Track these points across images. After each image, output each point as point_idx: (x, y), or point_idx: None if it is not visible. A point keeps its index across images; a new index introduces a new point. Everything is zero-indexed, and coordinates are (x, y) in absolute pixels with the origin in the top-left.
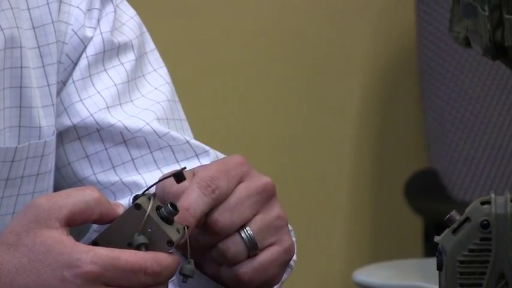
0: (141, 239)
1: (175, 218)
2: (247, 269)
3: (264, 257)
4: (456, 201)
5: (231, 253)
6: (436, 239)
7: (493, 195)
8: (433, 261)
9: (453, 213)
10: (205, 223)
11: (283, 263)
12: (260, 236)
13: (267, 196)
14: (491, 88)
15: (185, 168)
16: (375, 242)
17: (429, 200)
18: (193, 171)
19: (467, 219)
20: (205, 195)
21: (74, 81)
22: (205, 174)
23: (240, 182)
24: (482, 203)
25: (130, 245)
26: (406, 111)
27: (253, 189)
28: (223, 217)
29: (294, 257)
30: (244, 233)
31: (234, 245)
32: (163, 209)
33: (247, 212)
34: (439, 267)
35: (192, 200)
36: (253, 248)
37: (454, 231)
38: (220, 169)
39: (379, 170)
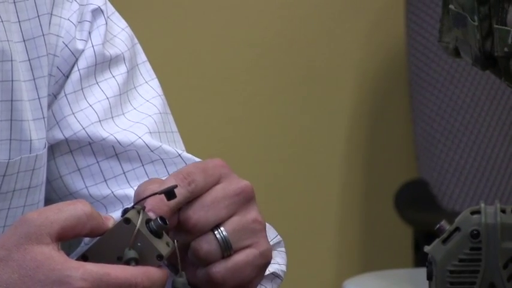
0: (131, 253)
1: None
2: (220, 268)
3: (238, 258)
4: (446, 211)
5: (204, 252)
6: (426, 249)
7: (482, 205)
8: (423, 271)
9: (443, 223)
10: (179, 221)
11: (259, 267)
12: (235, 237)
13: (244, 199)
14: (481, 98)
15: (176, 186)
16: (365, 251)
17: (419, 210)
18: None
19: (457, 229)
20: (181, 187)
21: (66, 95)
22: (182, 169)
23: (217, 182)
24: (472, 213)
25: (120, 259)
26: (395, 122)
27: (231, 190)
28: (197, 214)
29: (284, 268)
30: (219, 232)
31: (207, 244)
32: (152, 223)
33: (222, 212)
34: (429, 277)
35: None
36: (227, 248)
37: (444, 241)
38: (198, 166)
39: (369, 180)
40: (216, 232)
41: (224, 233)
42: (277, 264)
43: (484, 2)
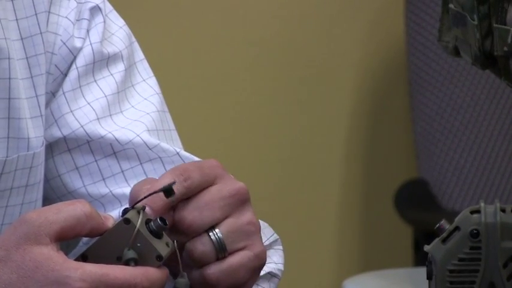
0: (131, 254)
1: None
2: (214, 270)
3: (233, 260)
4: (446, 210)
5: (198, 253)
6: (426, 248)
7: (482, 204)
8: (422, 271)
9: (443, 222)
10: (174, 221)
11: (254, 269)
12: (229, 239)
13: (239, 200)
14: (481, 97)
15: (174, 182)
16: (365, 251)
17: (419, 210)
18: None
19: (457, 229)
20: (177, 182)
21: (64, 93)
22: (180, 166)
23: (213, 183)
24: (472, 212)
25: (119, 259)
26: (395, 121)
27: (226, 191)
28: (192, 215)
29: (281, 267)
30: (214, 234)
31: (201, 245)
32: (152, 223)
33: (217, 214)
34: (429, 277)
35: (162, 184)
36: (221, 250)
37: (444, 241)
38: (194, 164)
39: (369, 180)
40: (210, 233)
41: (219, 234)
42: (274, 263)
43: (484, 1)
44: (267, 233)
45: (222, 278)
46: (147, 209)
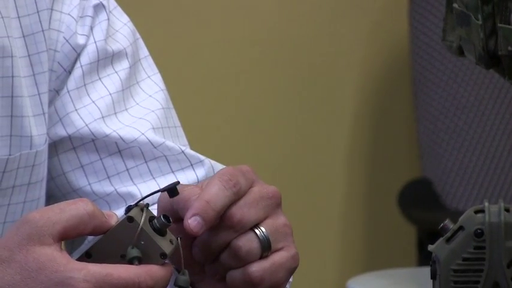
0: (134, 252)
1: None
2: (258, 268)
3: (275, 259)
4: (450, 210)
5: (245, 250)
6: (430, 248)
7: (486, 204)
8: (426, 270)
9: (447, 222)
10: (221, 218)
11: (290, 270)
12: (272, 238)
13: (275, 203)
14: (485, 97)
15: (179, 182)
16: (369, 251)
17: (423, 209)
18: (201, 184)
19: (461, 228)
20: (227, 189)
21: (68, 91)
22: (225, 171)
23: (252, 186)
24: (476, 212)
25: (123, 257)
26: (399, 121)
27: (265, 193)
28: (241, 211)
29: (291, 278)
30: (260, 231)
31: (249, 242)
32: (156, 221)
33: (261, 212)
34: (433, 276)
35: (213, 193)
36: (267, 247)
37: (448, 240)
38: (237, 169)
39: (372, 179)
40: (257, 231)
41: (264, 232)
42: None
43: (488, 0)
44: None
45: (265, 276)
46: (197, 218)
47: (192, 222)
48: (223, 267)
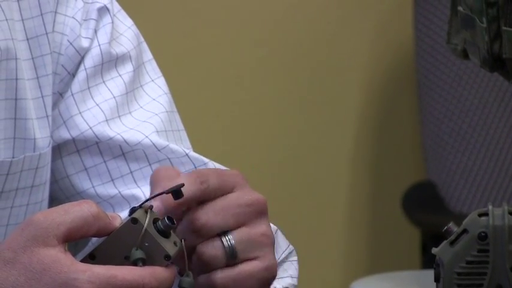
0: (138, 253)
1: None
2: (223, 275)
3: (243, 268)
4: (454, 213)
5: (208, 256)
6: (434, 250)
7: (490, 207)
8: (430, 273)
9: (451, 225)
10: (187, 221)
11: (263, 281)
12: (241, 247)
13: (256, 211)
14: (489, 100)
15: (183, 184)
16: (373, 253)
17: (427, 212)
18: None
19: (464, 231)
20: (192, 184)
21: (72, 94)
22: (199, 169)
23: (231, 191)
24: (480, 215)
25: (127, 258)
26: (403, 124)
27: (243, 200)
28: (206, 216)
29: (295, 281)
30: (226, 240)
31: (213, 249)
32: (160, 223)
33: (231, 220)
34: (437, 279)
35: (176, 184)
36: (232, 256)
37: (452, 243)
38: (214, 170)
39: (377, 182)
40: (223, 238)
41: (232, 241)
42: (290, 277)
43: (493, 4)
44: (283, 245)
45: (229, 284)
46: (158, 204)
47: (154, 202)
48: (195, 271)
